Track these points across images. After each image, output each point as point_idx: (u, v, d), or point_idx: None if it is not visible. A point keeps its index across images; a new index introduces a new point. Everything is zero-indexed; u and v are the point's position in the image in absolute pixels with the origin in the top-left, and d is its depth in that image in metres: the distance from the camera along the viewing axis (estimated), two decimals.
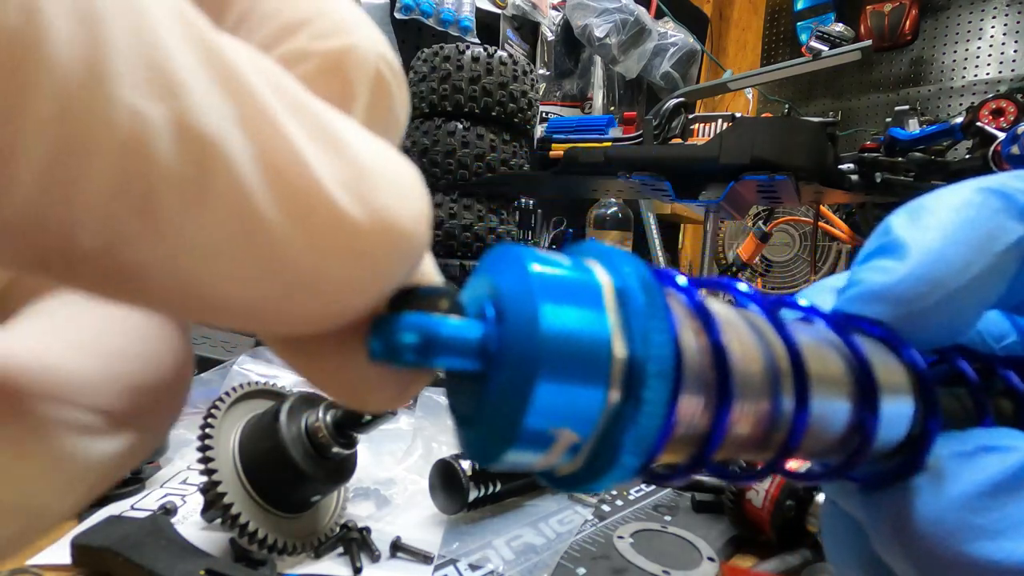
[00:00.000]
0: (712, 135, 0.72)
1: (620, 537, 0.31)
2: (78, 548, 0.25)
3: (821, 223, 0.98)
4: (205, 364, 0.51)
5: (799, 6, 2.20)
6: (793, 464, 0.12)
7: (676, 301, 0.10)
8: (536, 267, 0.09)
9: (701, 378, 0.10)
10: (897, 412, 0.12)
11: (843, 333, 0.12)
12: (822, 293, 0.15)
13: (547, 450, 0.09)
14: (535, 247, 0.10)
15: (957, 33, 1.96)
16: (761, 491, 0.29)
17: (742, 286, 0.12)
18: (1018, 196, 0.12)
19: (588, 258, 0.10)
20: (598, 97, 1.77)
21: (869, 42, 1.46)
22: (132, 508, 0.30)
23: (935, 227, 0.12)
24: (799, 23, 2.21)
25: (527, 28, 1.69)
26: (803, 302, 0.13)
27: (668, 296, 0.10)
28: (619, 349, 0.09)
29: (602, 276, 0.10)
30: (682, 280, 0.11)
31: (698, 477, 0.35)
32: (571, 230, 1.50)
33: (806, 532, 0.29)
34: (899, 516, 0.11)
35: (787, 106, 2.15)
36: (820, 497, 0.29)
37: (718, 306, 0.11)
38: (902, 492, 0.12)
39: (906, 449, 0.12)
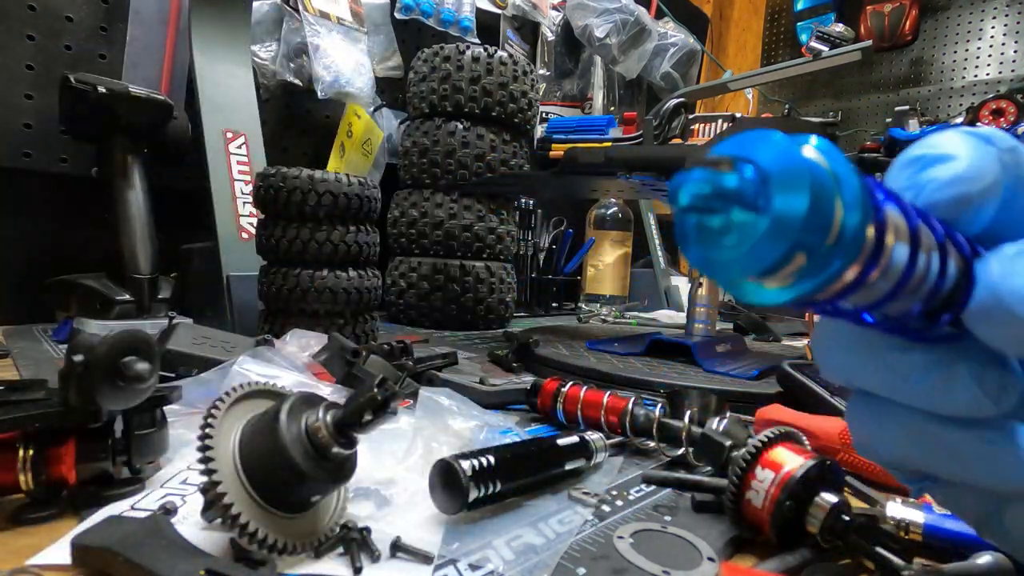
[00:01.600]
0: (712, 135, 0.72)
1: (620, 537, 0.31)
2: (78, 548, 0.25)
3: None
4: (205, 364, 0.51)
5: (799, 6, 2.20)
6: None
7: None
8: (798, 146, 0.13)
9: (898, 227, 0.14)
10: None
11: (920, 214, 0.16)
12: None
13: (774, 276, 0.13)
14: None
15: (957, 33, 1.96)
16: (761, 491, 0.29)
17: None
18: (996, 140, 0.17)
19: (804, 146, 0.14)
20: (598, 97, 1.77)
21: (869, 42, 1.46)
22: (132, 508, 0.30)
23: (958, 144, 0.17)
24: (799, 23, 2.21)
25: (527, 28, 1.69)
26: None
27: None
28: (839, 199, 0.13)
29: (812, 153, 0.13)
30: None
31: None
32: (571, 230, 1.50)
33: (806, 532, 0.29)
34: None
35: (787, 106, 2.15)
36: (820, 497, 0.29)
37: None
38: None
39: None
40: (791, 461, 0.30)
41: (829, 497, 0.29)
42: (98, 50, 0.95)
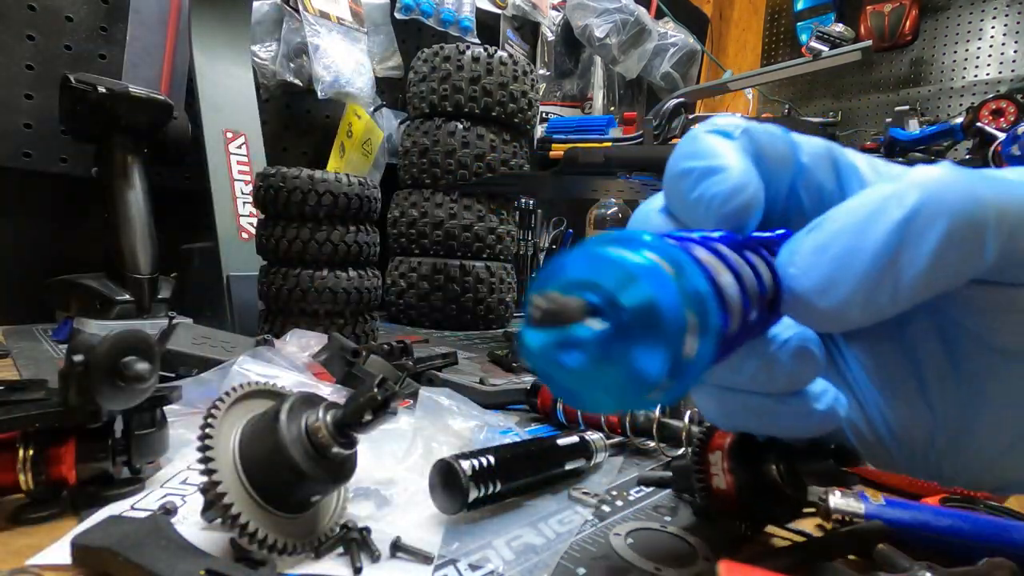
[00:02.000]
0: None
1: (617, 535, 0.31)
2: (78, 548, 0.25)
3: None
4: (205, 364, 0.51)
5: (799, 6, 2.20)
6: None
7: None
8: (634, 261, 0.13)
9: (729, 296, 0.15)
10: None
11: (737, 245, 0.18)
12: (649, 216, 0.22)
13: (646, 396, 0.14)
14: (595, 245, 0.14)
15: (957, 33, 1.96)
16: (720, 472, 0.29)
17: (694, 233, 0.18)
18: (732, 132, 0.20)
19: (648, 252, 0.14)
20: (598, 97, 1.77)
21: (869, 42, 1.46)
22: (132, 508, 0.30)
23: (718, 151, 0.20)
24: (799, 23, 2.21)
25: (527, 28, 1.69)
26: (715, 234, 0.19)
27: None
28: (690, 318, 0.13)
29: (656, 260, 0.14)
30: (672, 243, 0.15)
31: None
32: (571, 230, 1.50)
33: (772, 493, 0.28)
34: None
35: (787, 106, 2.15)
36: (770, 452, 0.29)
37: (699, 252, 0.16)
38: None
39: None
40: (728, 434, 0.30)
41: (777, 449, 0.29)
42: (98, 50, 0.95)
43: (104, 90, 0.76)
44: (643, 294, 0.13)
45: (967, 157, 0.67)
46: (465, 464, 0.31)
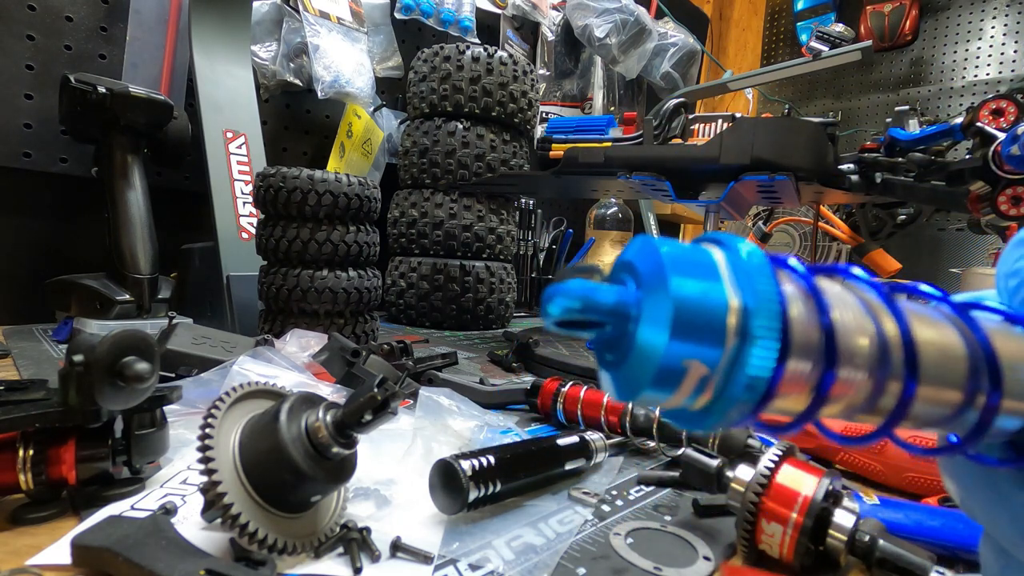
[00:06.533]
0: (712, 135, 0.72)
1: (616, 534, 0.31)
2: (78, 548, 0.25)
3: (821, 223, 0.98)
4: (205, 364, 0.51)
5: (799, 6, 2.20)
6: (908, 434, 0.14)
7: (788, 279, 0.13)
8: (665, 248, 0.12)
9: (809, 340, 0.12)
10: None
11: (962, 312, 0.14)
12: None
13: (676, 389, 0.12)
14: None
15: (957, 33, 1.96)
16: (774, 545, 0.28)
17: (857, 271, 0.14)
18: None
19: (706, 242, 0.13)
20: (598, 97, 1.77)
21: (869, 42, 1.46)
22: (132, 508, 0.30)
23: None
24: (799, 23, 2.21)
25: (527, 28, 1.69)
26: (924, 287, 0.15)
27: (781, 274, 0.12)
28: (734, 301, 0.12)
29: (716, 252, 0.12)
30: (795, 263, 0.13)
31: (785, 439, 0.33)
32: (571, 230, 1.50)
33: (827, 554, 0.28)
34: None
35: (787, 106, 2.15)
36: (836, 519, 0.27)
37: (830, 285, 0.13)
38: None
39: None
40: (795, 496, 0.28)
41: (846, 519, 0.28)
42: (98, 50, 0.95)
43: (104, 90, 0.76)
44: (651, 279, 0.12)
45: (967, 157, 0.66)
46: (465, 464, 0.31)
